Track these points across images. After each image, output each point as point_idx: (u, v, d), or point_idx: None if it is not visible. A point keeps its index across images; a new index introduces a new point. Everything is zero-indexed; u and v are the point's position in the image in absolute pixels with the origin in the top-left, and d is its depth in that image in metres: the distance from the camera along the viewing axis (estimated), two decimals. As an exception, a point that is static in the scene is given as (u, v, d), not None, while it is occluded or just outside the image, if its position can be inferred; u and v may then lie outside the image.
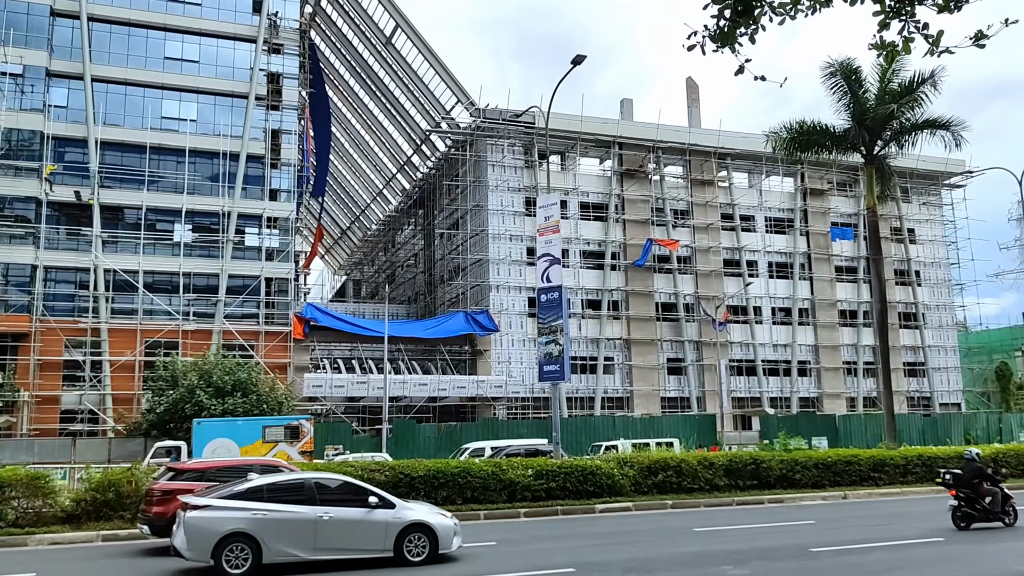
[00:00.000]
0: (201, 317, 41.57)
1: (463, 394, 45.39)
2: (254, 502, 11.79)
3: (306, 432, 28.92)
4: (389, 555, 12.15)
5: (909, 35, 6.77)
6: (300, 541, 11.77)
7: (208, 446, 27.45)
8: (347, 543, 12.07)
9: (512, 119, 48.38)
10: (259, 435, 28.18)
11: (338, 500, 12.29)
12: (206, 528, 11.45)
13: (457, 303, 50.52)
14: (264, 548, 11.56)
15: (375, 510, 12.23)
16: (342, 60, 57.95)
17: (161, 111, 43.18)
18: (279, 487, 12.22)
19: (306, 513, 11.87)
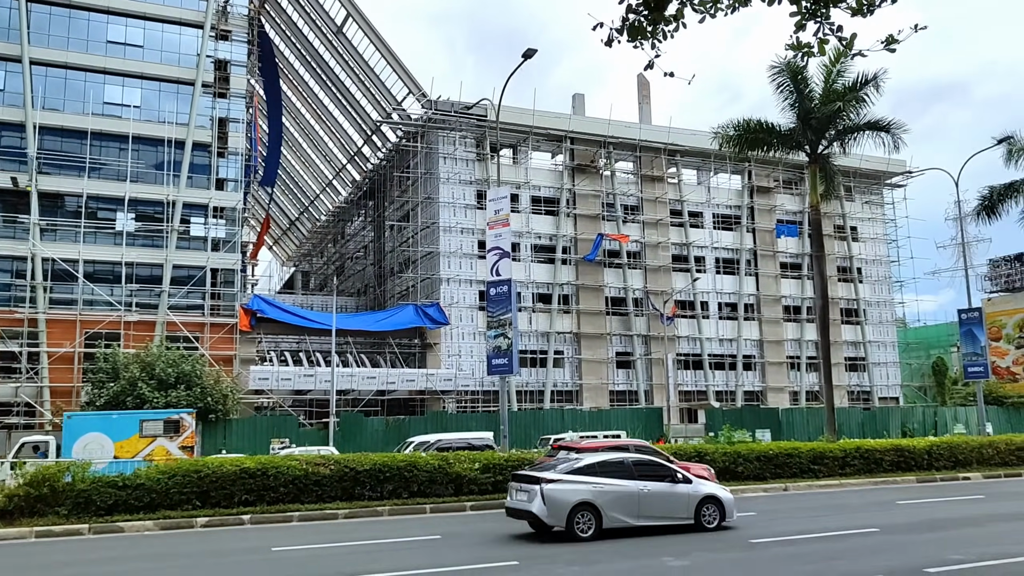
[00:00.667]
0: (144, 308, 40.65)
1: (412, 387, 45.20)
2: (590, 477, 14.12)
3: (187, 426, 27.84)
4: (690, 522, 14.61)
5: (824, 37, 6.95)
6: (628, 510, 14.14)
7: (79, 441, 26.01)
8: (661, 512, 14.47)
9: (464, 111, 48.23)
10: (136, 429, 26.95)
11: (650, 476, 14.67)
12: (561, 499, 13.74)
13: (407, 296, 50.27)
14: (604, 516, 13.95)
15: (678, 484, 14.74)
16: (292, 49, 57.10)
17: (103, 96, 42.03)
18: (606, 464, 14.55)
19: (630, 487, 14.28)
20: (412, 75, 48.55)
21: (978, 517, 16.55)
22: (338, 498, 18.70)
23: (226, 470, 17.99)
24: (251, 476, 18.04)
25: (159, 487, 17.38)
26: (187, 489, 17.55)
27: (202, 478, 17.72)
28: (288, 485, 18.31)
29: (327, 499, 18.57)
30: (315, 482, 18.58)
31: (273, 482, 18.17)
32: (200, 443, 33.72)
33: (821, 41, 6.95)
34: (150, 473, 17.89)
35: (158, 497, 17.33)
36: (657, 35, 7.15)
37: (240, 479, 17.95)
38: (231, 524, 17.05)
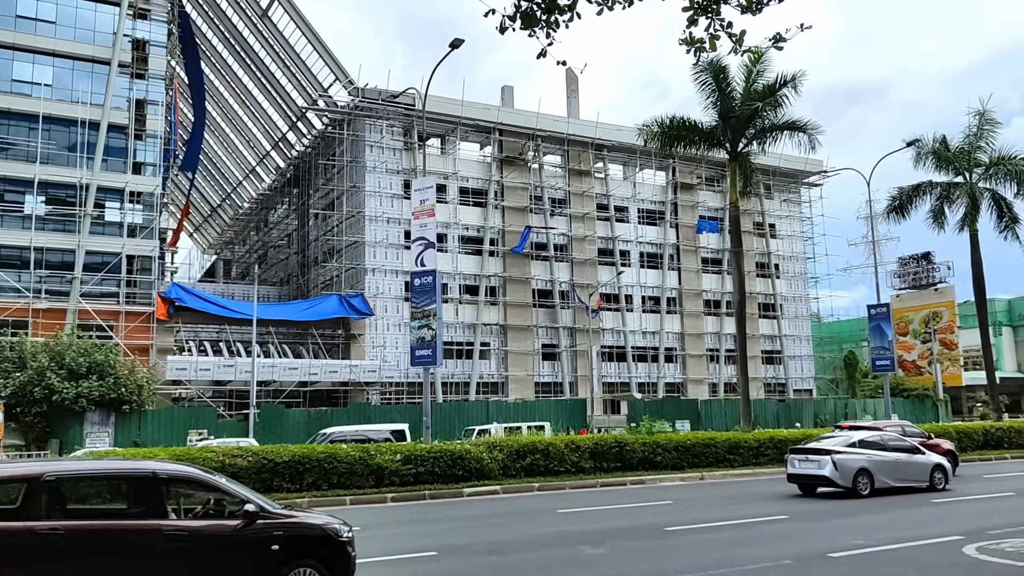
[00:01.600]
0: (54, 295, 39.10)
1: (335, 379, 44.68)
2: (862, 449, 18.65)
3: None
4: (925, 484, 18.99)
5: (715, 32, 7.17)
6: (889, 475, 18.60)
7: None
8: (908, 476, 18.93)
9: (391, 100, 47.78)
10: None
11: (898, 448, 19.27)
12: (848, 465, 18.17)
13: (331, 286, 49.62)
14: (875, 479, 18.34)
15: (916, 455, 19.30)
16: (216, 31, 55.56)
17: (12, 73, 40.15)
18: (867, 441, 18.95)
19: (889, 457, 18.85)
20: (339, 61, 47.87)
21: (884, 504, 17.29)
22: (256, 490, 18.36)
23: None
24: (165, 469, 17.56)
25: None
26: (96, 482, 16.99)
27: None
28: (204, 477, 17.89)
29: (244, 491, 18.23)
30: (232, 474, 18.19)
31: (188, 475, 17.73)
32: (112, 435, 32.75)
33: (712, 37, 7.15)
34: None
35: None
36: (552, 24, 7.22)
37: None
38: (143, 518, 16.57)
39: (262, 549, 8.04)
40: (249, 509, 8.08)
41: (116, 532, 7.69)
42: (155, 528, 7.72)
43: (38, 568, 7.26)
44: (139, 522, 7.77)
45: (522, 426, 33.62)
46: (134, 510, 7.94)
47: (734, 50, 7.26)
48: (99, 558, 7.51)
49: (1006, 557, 10.79)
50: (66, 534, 7.41)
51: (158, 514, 7.80)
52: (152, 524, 7.73)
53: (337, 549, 8.58)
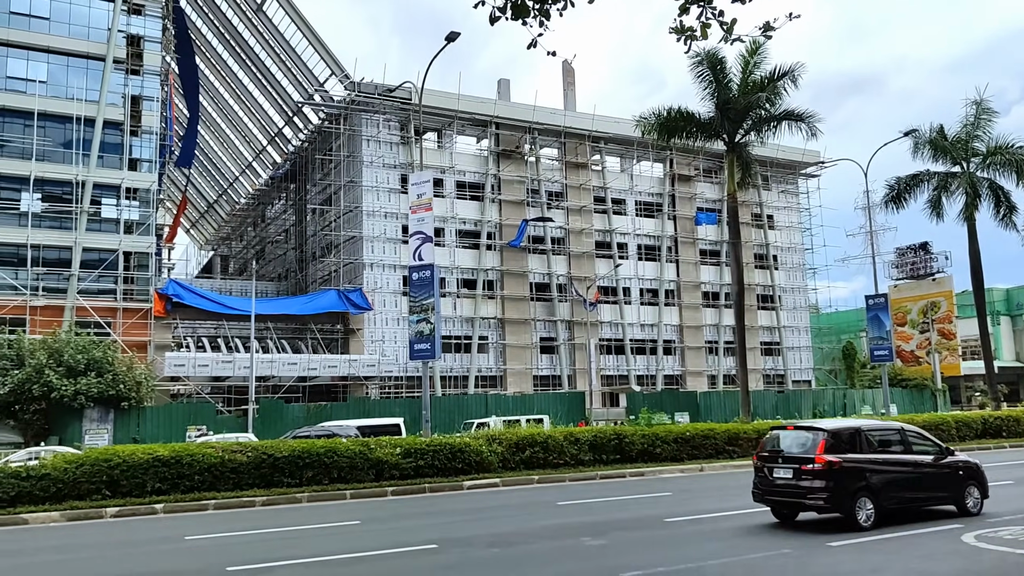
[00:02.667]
0: (52, 292, 39.01)
1: (335, 373, 44.65)
2: None
3: None
4: None
5: (707, 21, 7.15)
6: None
7: None
8: None
9: (387, 94, 47.65)
10: None
11: None
12: None
13: (330, 281, 49.57)
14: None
15: None
16: (210, 26, 55.37)
17: (6, 70, 39.97)
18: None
19: None
20: (335, 56, 47.73)
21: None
22: (256, 485, 18.40)
23: (137, 458, 17.51)
24: (164, 464, 17.59)
25: (66, 477, 16.81)
26: (96, 479, 17.02)
27: (112, 467, 17.20)
28: (203, 473, 17.92)
29: (244, 486, 18.26)
30: (232, 469, 18.23)
31: (187, 470, 17.76)
32: (112, 431, 32.73)
33: (704, 25, 7.13)
34: (56, 463, 17.27)
35: (65, 487, 16.75)
36: (543, 13, 7.18)
37: (152, 467, 17.48)
38: (143, 514, 16.60)
39: (953, 472, 13.71)
40: (940, 449, 14.02)
41: (898, 461, 13.35)
42: (912, 460, 13.47)
43: (877, 477, 12.80)
44: (904, 456, 13.46)
45: (521, 419, 33.68)
46: (898, 448, 13.53)
47: (725, 38, 7.23)
48: (894, 473, 13.12)
49: (1004, 544, 10.81)
50: (882, 461, 13.07)
51: (907, 451, 13.54)
52: (909, 457, 13.49)
53: (983, 476, 14.03)
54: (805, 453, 12.72)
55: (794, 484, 12.66)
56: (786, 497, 12.97)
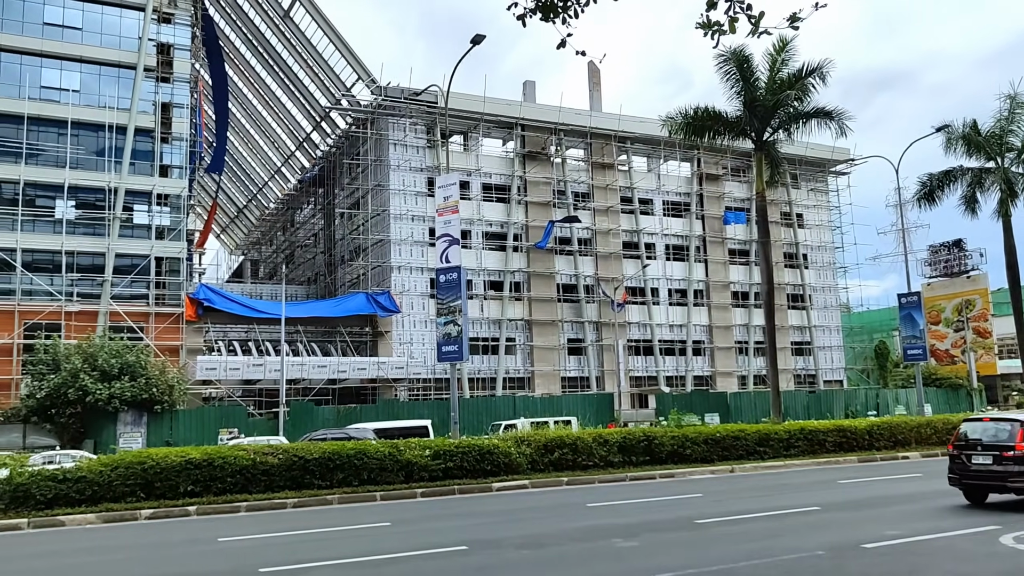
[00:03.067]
0: (86, 298, 39.65)
1: (364, 376, 44.91)
2: None
3: None
4: None
5: (734, 15, 7.10)
6: None
7: None
8: None
9: (413, 97, 47.87)
10: None
11: None
12: None
13: (358, 284, 49.87)
14: None
15: None
16: (238, 33, 55.99)
17: (40, 80, 40.75)
18: None
19: None
20: (361, 60, 48.04)
21: (914, 495, 17.07)
22: (287, 487, 18.53)
23: (171, 461, 17.71)
24: (197, 466, 17.78)
25: (101, 480, 17.04)
26: (130, 481, 17.24)
27: (146, 469, 17.41)
28: (235, 475, 18.08)
29: (276, 488, 18.39)
30: (263, 472, 18.38)
31: (220, 472, 17.93)
32: (145, 435, 33.20)
33: (731, 19, 7.08)
34: (92, 466, 17.53)
35: (100, 490, 16.99)
36: (569, 12, 7.24)
37: (185, 470, 17.68)
38: (176, 515, 16.79)
39: None
40: None
41: None
42: None
43: None
44: None
45: (548, 421, 33.63)
46: None
47: (752, 31, 7.17)
48: None
49: (1046, 546, 10.58)
50: None
51: None
52: None
53: None
54: (1006, 441, 14.05)
55: (994, 469, 14.06)
56: (985, 481, 14.33)
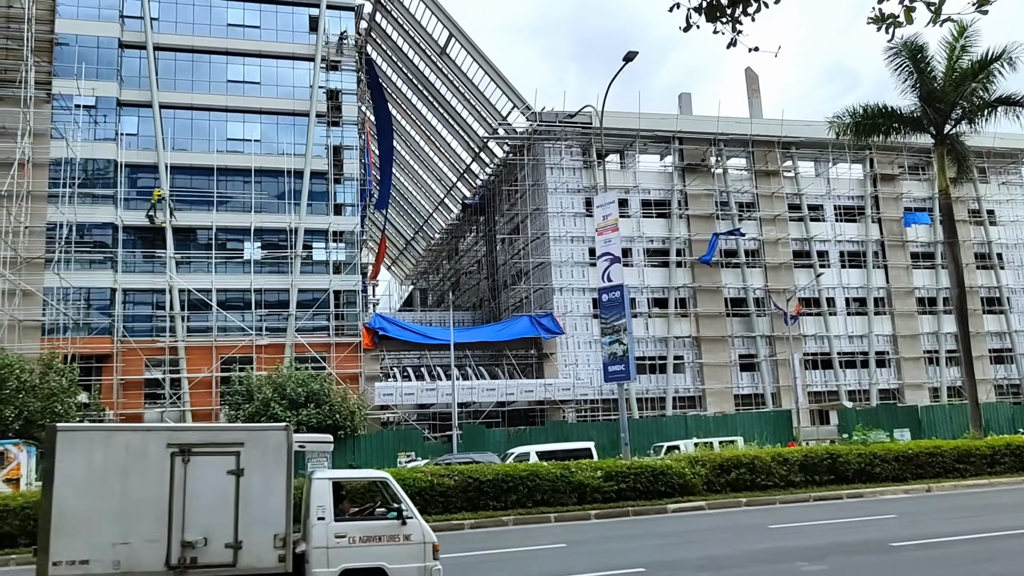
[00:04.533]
0: (273, 332, 42.53)
1: (531, 398, 45.36)
2: None
3: (12, 458, 25.50)
4: None
5: (911, 4, 6.57)
6: None
7: None
8: None
9: (568, 120, 48.24)
10: None
11: None
12: None
13: (521, 307, 50.57)
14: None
15: None
16: (399, 73, 58.71)
17: (226, 133, 44.37)
18: None
19: None
20: (515, 89, 49.00)
21: None
22: (463, 508, 18.92)
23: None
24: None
25: (293, 501, 18.03)
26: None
27: (332, 492, 18.27)
28: (414, 496, 18.62)
29: (452, 509, 18.83)
30: (440, 493, 18.88)
31: (399, 494, 18.53)
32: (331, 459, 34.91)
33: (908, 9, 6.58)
34: (284, 488, 18.60)
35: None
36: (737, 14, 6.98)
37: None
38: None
39: None
40: None
41: None
42: None
43: None
44: None
45: (713, 441, 32.56)
46: None
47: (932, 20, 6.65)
48: None
49: None
50: None
51: None
52: None
53: None
54: None
55: None
56: None
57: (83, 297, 40.49)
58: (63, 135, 40.45)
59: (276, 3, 45.75)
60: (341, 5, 46.88)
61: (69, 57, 41.56)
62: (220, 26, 44.74)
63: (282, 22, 45.86)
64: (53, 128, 40.79)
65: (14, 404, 29.68)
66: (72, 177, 40.10)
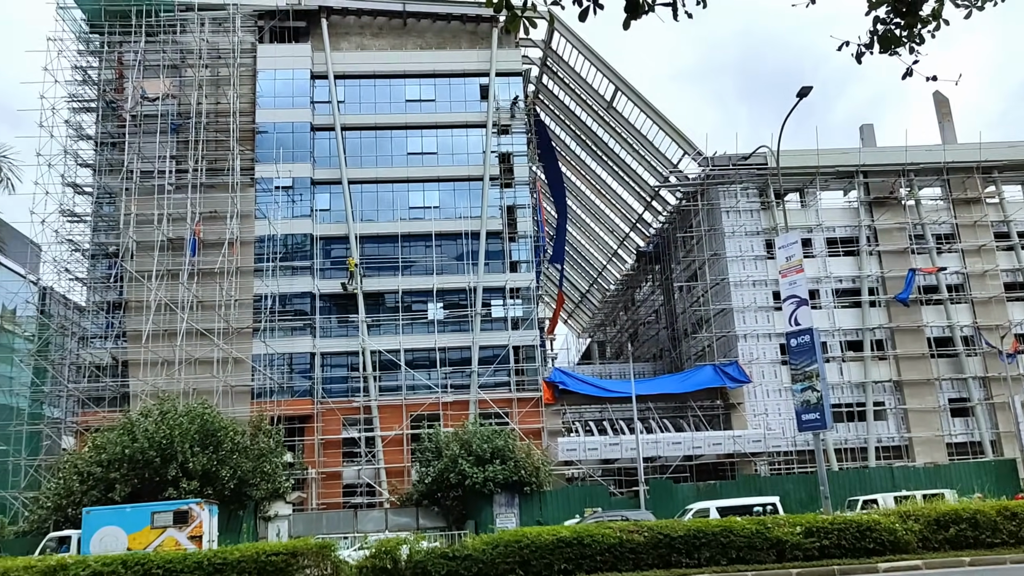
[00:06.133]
0: (457, 389, 43.76)
1: (719, 451, 43.67)
2: None
3: (195, 516, 26.86)
4: None
5: None
6: None
7: (96, 534, 26.27)
8: None
9: (741, 163, 47.11)
10: (147, 521, 26.54)
11: None
12: None
13: (703, 356, 49.17)
14: None
15: None
16: (566, 130, 59.87)
17: (408, 202, 46.88)
18: None
19: None
20: (685, 136, 48.56)
21: None
22: (654, 566, 18.32)
23: (544, 539, 18.44)
24: (568, 544, 18.31)
25: (484, 557, 18.20)
26: (510, 559, 18.19)
27: (522, 547, 18.30)
28: (604, 553, 18.31)
29: (643, 567, 18.28)
30: (630, 549, 18.40)
31: (589, 550, 18.27)
32: (518, 515, 35.15)
33: None
34: (475, 544, 18.84)
35: (485, 567, 18.13)
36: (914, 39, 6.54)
37: (558, 547, 18.27)
38: (552, 593, 17.30)
39: None
40: None
41: None
42: None
43: None
44: None
45: (916, 494, 29.77)
46: None
47: None
48: None
49: None
50: None
51: None
52: None
53: None
54: None
55: None
56: None
57: (286, 362, 43.60)
58: (265, 215, 44.30)
59: (449, 76, 48.21)
60: (509, 72, 48.69)
61: (268, 143, 45.72)
62: (399, 103, 47.70)
63: (455, 94, 48.21)
64: (257, 209, 44.79)
65: (229, 464, 32.12)
66: (274, 252, 43.76)
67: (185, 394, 38.22)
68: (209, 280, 42.24)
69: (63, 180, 43.52)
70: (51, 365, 42.23)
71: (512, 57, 49.03)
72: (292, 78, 46.94)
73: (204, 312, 41.90)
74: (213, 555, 16.94)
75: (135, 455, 30.52)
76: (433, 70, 48.01)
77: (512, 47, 49.27)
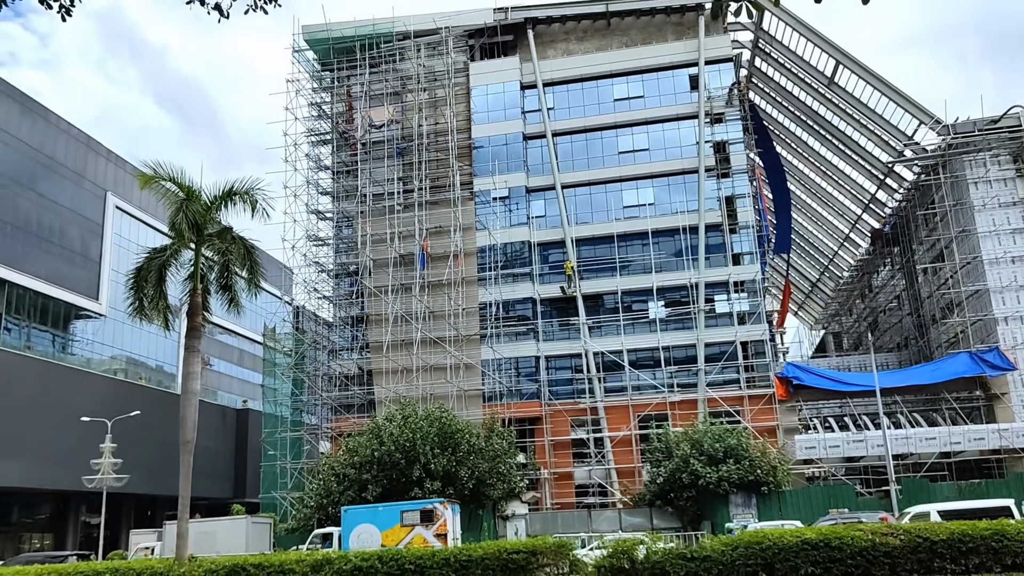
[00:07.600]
0: (684, 388, 42.91)
1: (982, 446, 39.40)
2: None
3: (440, 515, 28.24)
4: None
5: None
6: None
7: (353, 532, 28.36)
8: None
9: (989, 127, 42.42)
10: (397, 519, 28.31)
11: None
12: None
13: (956, 343, 44.72)
14: None
15: None
16: (784, 112, 56.96)
17: (622, 201, 46.72)
18: None
19: None
20: (920, 105, 44.52)
21: None
22: (913, 571, 16.82)
23: (787, 541, 17.53)
24: (813, 547, 17.27)
25: (724, 558, 17.61)
26: (751, 560, 17.47)
27: (764, 549, 17.51)
28: (855, 556, 17.06)
29: (900, 572, 16.85)
30: (884, 553, 17.02)
31: (838, 553, 17.11)
32: (756, 515, 33.85)
33: None
34: (714, 545, 18.29)
35: (725, 568, 17.54)
36: None
37: (802, 550, 17.29)
38: (800, 598, 16.43)
39: None
40: None
41: None
42: None
43: None
44: None
45: None
46: None
47: None
48: None
49: None
50: None
51: None
52: None
53: None
54: None
55: None
56: None
57: (513, 366, 44.97)
58: (485, 226, 46.04)
59: (656, 71, 47.55)
60: (719, 59, 47.18)
61: (484, 157, 47.50)
62: (607, 103, 47.73)
63: (663, 87, 47.46)
64: (477, 221, 46.64)
65: (467, 465, 33.62)
66: (495, 261, 45.35)
67: (423, 399, 40.60)
68: (438, 291, 44.57)
69: (307, 208, 47.82)
70: (307, 376, 46.47)
71: (721, 43, 47.48)
72: (503, 91, 48.43)
73: (435, 322, 44.31)
74: (459, 552, 17.74)
75: (383, 457, 32.82)
76: (639, 66, 47.55)
77: (721, 33, 47.72)
